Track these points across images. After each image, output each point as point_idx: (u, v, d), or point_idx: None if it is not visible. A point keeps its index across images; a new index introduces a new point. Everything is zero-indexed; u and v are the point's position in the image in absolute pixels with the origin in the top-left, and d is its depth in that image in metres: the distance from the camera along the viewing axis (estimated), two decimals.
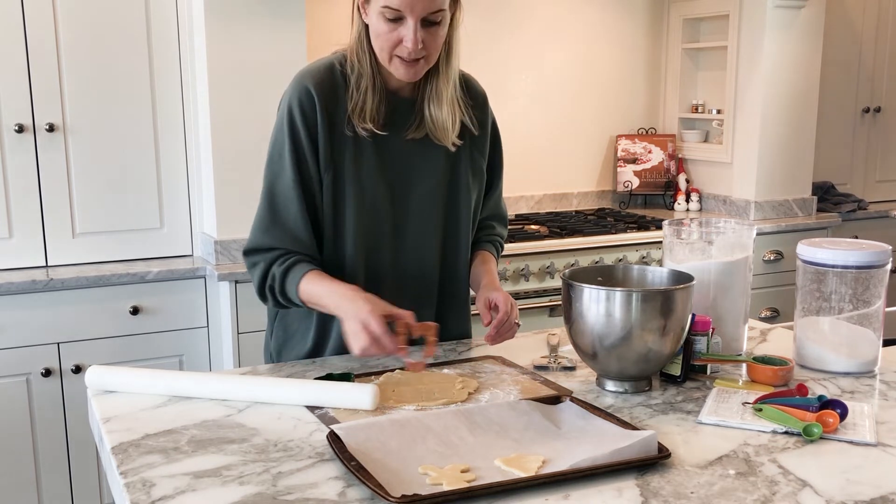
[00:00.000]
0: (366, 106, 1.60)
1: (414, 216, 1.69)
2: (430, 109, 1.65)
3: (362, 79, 1.60)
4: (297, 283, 1.58)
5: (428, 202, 1.69)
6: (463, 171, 1.72)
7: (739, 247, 1.67)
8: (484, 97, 1.78)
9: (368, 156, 1.63)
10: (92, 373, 1.49)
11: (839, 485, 1.14)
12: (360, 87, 1.61)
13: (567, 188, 3.96)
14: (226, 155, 2.79)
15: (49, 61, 2.72)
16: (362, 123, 1.60)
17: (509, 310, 1.62)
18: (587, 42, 3.89)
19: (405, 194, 1.68)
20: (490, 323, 1.62)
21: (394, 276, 1.70)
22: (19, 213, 2.75)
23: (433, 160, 1.69)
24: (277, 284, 1.60)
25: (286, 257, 1.61)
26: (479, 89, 1.78)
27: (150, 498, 1.09)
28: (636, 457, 1.17)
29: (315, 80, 1.61)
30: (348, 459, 1.15)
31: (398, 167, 1.67)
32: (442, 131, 1.65)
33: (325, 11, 3.21)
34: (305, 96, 1.60)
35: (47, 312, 2.66)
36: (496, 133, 1.81)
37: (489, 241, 1.85)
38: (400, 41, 1.52)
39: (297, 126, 1.60)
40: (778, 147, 3.68)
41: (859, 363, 1.59)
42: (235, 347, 2.76)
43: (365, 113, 1.60)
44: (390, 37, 1.53)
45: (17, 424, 2.66)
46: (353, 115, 1.61)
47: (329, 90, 1.61)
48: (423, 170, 1.68)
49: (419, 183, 1.68)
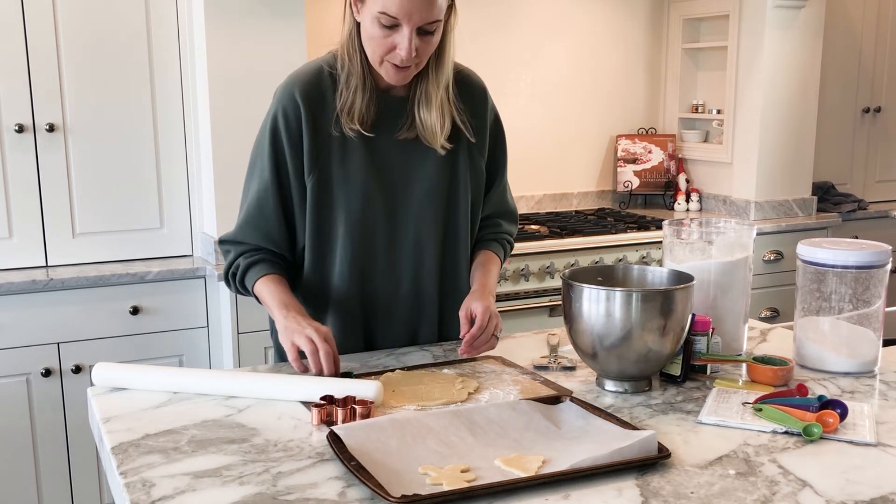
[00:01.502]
0: (354, 105, 1.60)
1: (411, 219, 1.67)
2: (419, 112, 1.63)
3: (352, 77, 1.59)
4: (253, 281, 1.66)
5: (425, 204, 1.67)
6: (461, 171, 1.70)
7: (739, 247, 1.67)
8: (483, 90, 1.74)
9: (357, 156, 1.63)
10: (99, 368, 1.51)
11: (839, 485, 1.14)
12: (349, 85, 1.60)
13: (567, 188, 3.96)
14: (226, 155, 2.79)
15: (49, 61, 2.72)
16: (350, 124, 1.60)
17: (485, 323, 1.58)
18: (587, 42, 3.89)
19: (401, 196, 1.66)
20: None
21: (389, 283, 1.69)
22: (19, 213, 2.75)
23: (429, 160, 1.67)
24: (239, 275, 1.68)
25: (254, 253, 1.67)
26: (478, 82, 1.75)
27: (150, 498, 1.09)
28: (636, 457, 1.17)
29: (301, 86, 1.62)
30: (348, 459, 1.15)
31: (392, 168, 1.65)
32: (431, 134, 1.64)
33: (324, 11, 3.21)
34: (290, 103, 1.61)
35: (47, 312, 2.67)
36: (498, 126, 1.78)
37: (494, 239, 1.81)
38: (393, 48, 1.51)
39: (279, 133, 1.62)
40: (778, 147, 3.68)
41: (859, 363, 1.59)
42: (235, 347, 2.76)
43: (353, 112, 1.60)
44: (384, 42, 1.52)
45: (17, 424, 2.66)
46: (341, 114, 1.60)
47: (316, 94, 1.61)
48: (419, 170, 1.67)
49: (415, 184, 1.67)
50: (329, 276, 1.68)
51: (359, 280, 1.67)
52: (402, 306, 1.71)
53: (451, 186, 1.70)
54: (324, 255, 1.67)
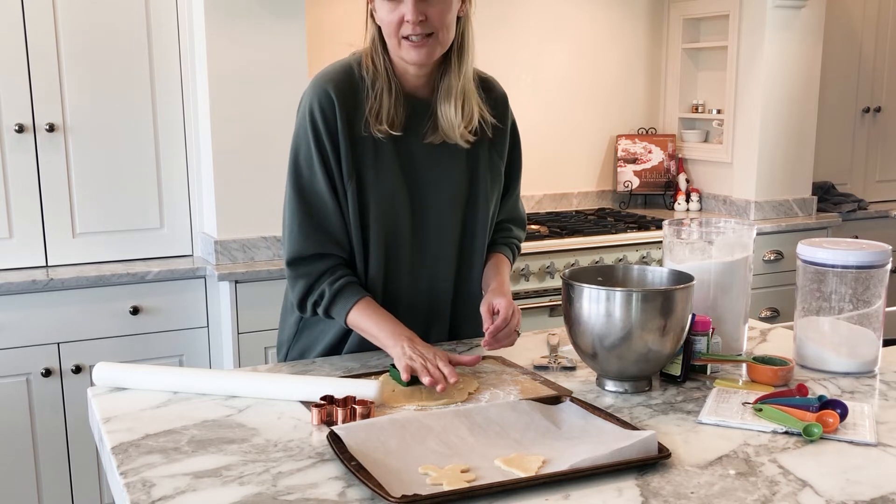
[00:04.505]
0: (382, 108, 1.60)
1: (432, 223, 1.68)
2: (441, 106, 1.64)
3: (377, 80, 1.60)
4: (347, 309, 1.61)
5: (446, 210, 1.68)
6: (482, 177, 1.71)
7: (739, 247, 1.67)
8: (504, 99, 1.77)
9: (389, 159, 1.63)
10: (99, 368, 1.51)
11: (839, 485, 1.14)
12: (375, 87, 1.60)
13: (567, 188, 3.96)
14: (226, 155, 2.79)
15: (49, 61, 2.72)
16: (378, 125, 1.60)
17: (509, 317, 1.60)
18: (587, 42, 3.89)
19: (423, 200, 1.67)
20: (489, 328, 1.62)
21: (410, 282, 1.69)
22: (19, 213, 2.75)
23: (452, 166, 1.68)
24: (325, 303, 1.62)
25: (336, 275, 1.63)
26: (500, 91, 1.77)
27: (150, 498, 1.09)
28: (636, 457, 1.17)
29: (334, 83, 1.60)
30: (348, 459, 1.15)
31: (418, 171, 1.66)
32: (449, 127, 1.64)
33: (324, 11, 3.21)
34: (325, 99, 1.59)
35: (47, 312, 2.66)
36: (515, 134, 1.80)
37: (505, 243, 1.84)
38: (402, 19, 1.53)
39: (319, 131, 1.59)
40: (778, 147, 3.68)
41: (859, 363, 1.59)
42: (235, 347, 2.76)
43: (381, 115, 1.60)
44: (393, 17, 1.53)
45: (17, 424, 2.66)
46: (370, 116, 1.60)
47: (348, 93, 1.61)
48: (442, 176, 1.67)
49: (438, 189, 1.67)
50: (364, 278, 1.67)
51: (384, 280, 1.67)
52: (420, 306, 1.71)
53: (472, 191, 1.71)
54: (361, 257, 1.66)
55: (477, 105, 1.66)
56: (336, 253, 1.64)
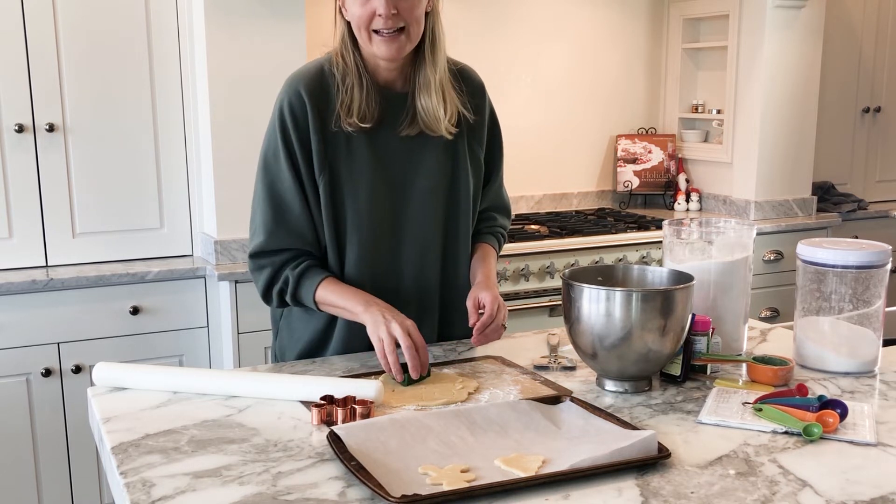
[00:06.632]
0: (353, 102, 1.61)
1: (414, 214, 1.69)
2: (420, 100, 1.65)
3: (347, 75, 1.62)
4: (313, 289, 1.62)
5: (428, 199, 1.69)
6: (462, 167, 1.72)
7: (739, 247, 1.67)
8: (481, 85, 1.78)
9: (361, 153, 1.64)
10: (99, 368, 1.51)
11: (839, 485, 1.14)
12: (346, 83, 1.62)
13: (567, 188, 3.96)
14: (226, 155, 2.79)
15: (49, 61, 2.72)
16: (348, 119, 1.61)
17: (495, 312, 1.61)
18: (587, 42, 3.89)
19: (404, 192, 1.68)
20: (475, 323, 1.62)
21: (396, 275, 1.70)
22: (19, 213, 2.75)
23: (432, 157, 1.69)
24: (291, 288, 1.63)
25: (298, 261, 1.64)
26: (476, 78, 1.78)
27: (150, 498, 1.09)
28: (636, 457, 1.17)
29: (305, 83, 1.63)
30: (348, 459, 1.15)
31: (395, 164, 1.67)
32: (434, 120, 1.65)
33: (325, 11, 3.21)
34: (296, 99, 1.62)
35: (47, 312, 2.66)
36: (494, 121, 1.80)
37: (490, 232, 1.84)
38: (373, 13, 1.54)
39: (287, 129, 1.62)
40: (778, 147, 3.68)
41: (859, 363, 1.59)
42: (235, 347, 2.76)
43: (353, 109, 1.61)
44: (364, 11, 1.55)
45: (17, 424, 2.66)
46: (341, 110, 1.62)
47: (320, 91, 1.63)
48: (422, 167, 1.68)
49: (418, 181, 1.68)
50: (340, 272, 1.68)
51: (367, 276, 1.67)
52: (407, 301, 1.71)
53: (453, 181, 1.72)
54: (336, 251, 1.67)
55: (452, 95, 1.68)
56: (300, 247, 1.65)
